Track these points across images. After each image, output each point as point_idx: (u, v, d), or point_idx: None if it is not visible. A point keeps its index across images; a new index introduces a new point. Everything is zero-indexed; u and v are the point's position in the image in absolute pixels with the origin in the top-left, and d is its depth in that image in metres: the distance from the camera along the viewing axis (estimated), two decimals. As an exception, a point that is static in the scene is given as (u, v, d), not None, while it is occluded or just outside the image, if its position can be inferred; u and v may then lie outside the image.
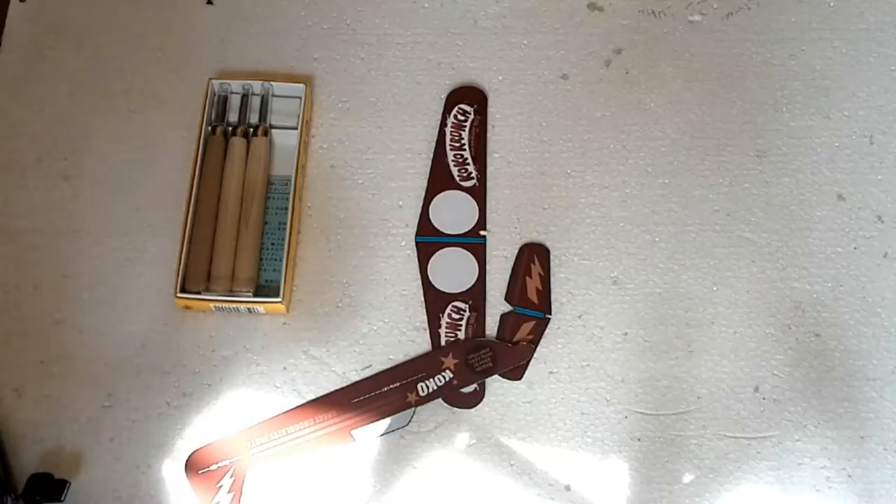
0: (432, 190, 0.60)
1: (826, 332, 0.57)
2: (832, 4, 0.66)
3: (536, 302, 0.57)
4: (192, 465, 0.52)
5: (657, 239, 0.59)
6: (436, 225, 0.59)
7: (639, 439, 0.55)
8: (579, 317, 0.57)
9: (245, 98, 0.60)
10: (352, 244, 0.59)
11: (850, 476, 0.54)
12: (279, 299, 0.54)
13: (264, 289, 0.56)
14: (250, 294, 0.55)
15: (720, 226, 0.60)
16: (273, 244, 0.57)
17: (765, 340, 0.57)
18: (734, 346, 0.57)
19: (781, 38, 0.64)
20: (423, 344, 0.56)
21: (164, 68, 0.62)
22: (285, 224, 0.57)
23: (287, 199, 0.57)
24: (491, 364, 0.55)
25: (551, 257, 0.58)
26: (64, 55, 0.63)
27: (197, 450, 0.53)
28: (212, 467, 0.52)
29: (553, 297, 0.57)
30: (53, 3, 0.64)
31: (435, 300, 0.57)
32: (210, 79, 0.60)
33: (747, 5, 0.65)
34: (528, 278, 0.57)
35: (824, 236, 0.59)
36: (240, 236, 0.56)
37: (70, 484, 0.51)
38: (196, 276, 0.54)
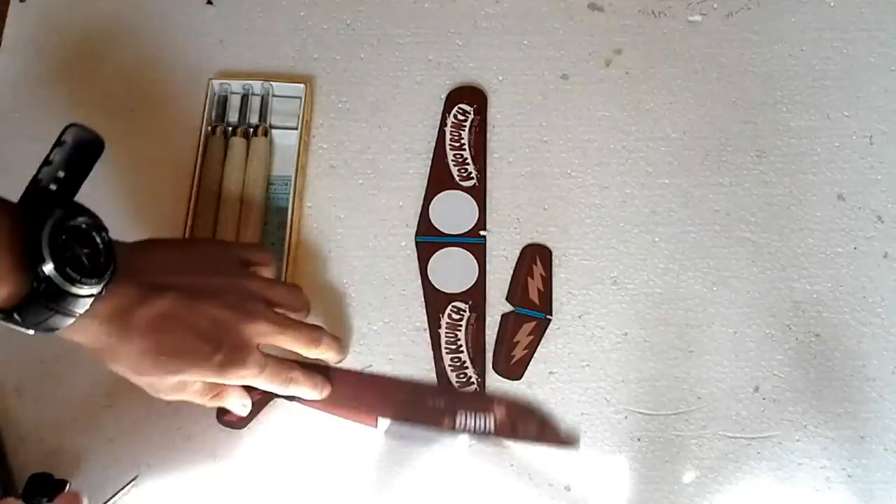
0: (432, 190, 0.60)
1: (826, 332, 0.57)
2: (832, 4, 0.66)
3: (538, 303, 0.57)
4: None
5: (657, 239, 0.59)
6: (436, 225, 0.59)
7: (639, 439, 0.55)
8: (579, 317, 0.57)
9: (245, 98, 0.60)
10: (352, 244, 0.59)
11: (850, 476, 0.54)
12: None
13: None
14: None
15: (720, 226, 0.60)
16: (273, 244, 0.57)
17: (765, 340, 0.57)
18: (734, 346, 0.57)
19: (781, 38, 0.64)
20: (423, 344, 0.56)
21: (164, 68, 0.62)
22: (285, 223, 0.57)
23: (287, 199, 0.57)
24: (534, 435, 0.54)
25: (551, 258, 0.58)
26: (64, 55, 0.63)
27: None
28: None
29: (553, 297, 0.57)
30: (53, 3, 0.64)
31: (435, 300, 0.57)
32: (210, 79, 0.60)
33: (747, 5, 0.65)
34: (529, 279, 0.57)
35: (824, 236, 0.59)
36: (239, 236, 0.56)
37: (70, 484, 0.51)
38: None
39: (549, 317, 0.57)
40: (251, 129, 0.59)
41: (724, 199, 0.60)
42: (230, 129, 0.59)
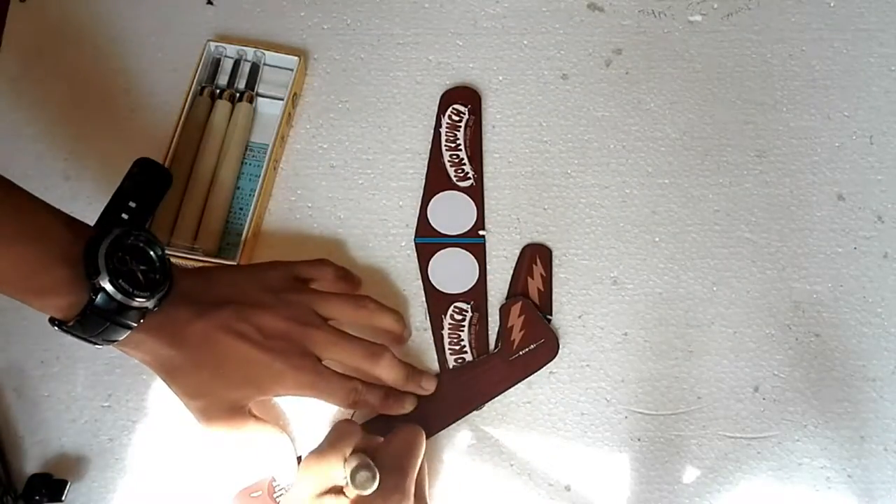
0: (429, 191, 0.60)
1: (826, 332, 0.57)
2: (832, 4, 0.66)
3: (538, 302, 0.57)
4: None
5: (657, 239, 0.59)
6: (434, 226, 0.59)
7: (639, 439, 0.55)
8: (579, 317, 0.57)
9: (237, 63, 0.61)
10: (352, 244, 0.59)
11: (850, 476, 0.54)
12: (234, 261, 0.55)
13: (226, 248, 0.57)
14: (201, 251, 0.56)
15: (720, 226, 0.60)
16: (241, 209, 0.58)
17: (765, 340, 0.57)
18: (734, 346, 0.57)
19: (781, 38, 0.65)
20: (423, 344, 0.56)
21: (164, 68, 0.62)
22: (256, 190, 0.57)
23: (262, 165, 0.58)
24: None
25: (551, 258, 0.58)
26: (64, 55, 0.63)
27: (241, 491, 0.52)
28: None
29: (553, 297, 0.57)
30: (53, 3, 0.64)
31: (436, 301, 0.57)
32: (208, 40, 0.61)
33: (747, 5, 0.65)
34: (529, 279, 0.57)
35: (824, 236, 0.59)
36: (210, 195, 0.57)
37: (70, 484, 0.51)
38: (162, 228, 0.56)
39: (549, 316, 0.57)
40: (238, 94, 0.60)
41: (724, 199, 0.60)
42: (218, 91, 0.60)
